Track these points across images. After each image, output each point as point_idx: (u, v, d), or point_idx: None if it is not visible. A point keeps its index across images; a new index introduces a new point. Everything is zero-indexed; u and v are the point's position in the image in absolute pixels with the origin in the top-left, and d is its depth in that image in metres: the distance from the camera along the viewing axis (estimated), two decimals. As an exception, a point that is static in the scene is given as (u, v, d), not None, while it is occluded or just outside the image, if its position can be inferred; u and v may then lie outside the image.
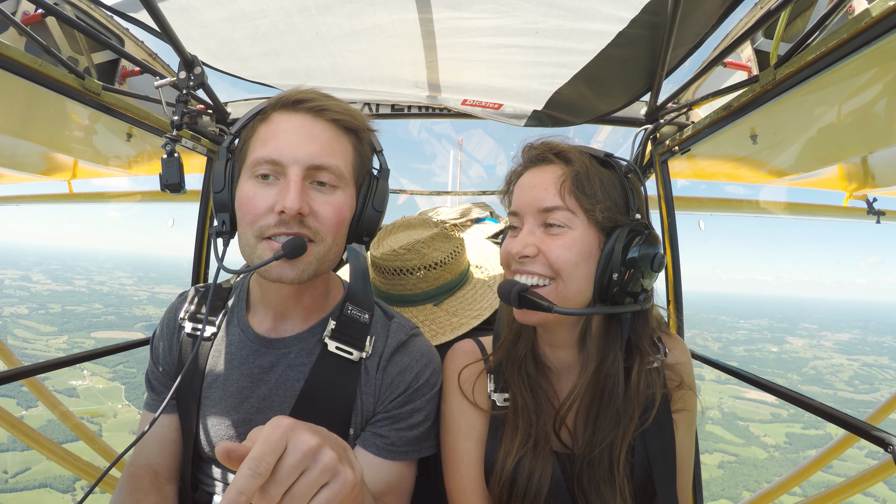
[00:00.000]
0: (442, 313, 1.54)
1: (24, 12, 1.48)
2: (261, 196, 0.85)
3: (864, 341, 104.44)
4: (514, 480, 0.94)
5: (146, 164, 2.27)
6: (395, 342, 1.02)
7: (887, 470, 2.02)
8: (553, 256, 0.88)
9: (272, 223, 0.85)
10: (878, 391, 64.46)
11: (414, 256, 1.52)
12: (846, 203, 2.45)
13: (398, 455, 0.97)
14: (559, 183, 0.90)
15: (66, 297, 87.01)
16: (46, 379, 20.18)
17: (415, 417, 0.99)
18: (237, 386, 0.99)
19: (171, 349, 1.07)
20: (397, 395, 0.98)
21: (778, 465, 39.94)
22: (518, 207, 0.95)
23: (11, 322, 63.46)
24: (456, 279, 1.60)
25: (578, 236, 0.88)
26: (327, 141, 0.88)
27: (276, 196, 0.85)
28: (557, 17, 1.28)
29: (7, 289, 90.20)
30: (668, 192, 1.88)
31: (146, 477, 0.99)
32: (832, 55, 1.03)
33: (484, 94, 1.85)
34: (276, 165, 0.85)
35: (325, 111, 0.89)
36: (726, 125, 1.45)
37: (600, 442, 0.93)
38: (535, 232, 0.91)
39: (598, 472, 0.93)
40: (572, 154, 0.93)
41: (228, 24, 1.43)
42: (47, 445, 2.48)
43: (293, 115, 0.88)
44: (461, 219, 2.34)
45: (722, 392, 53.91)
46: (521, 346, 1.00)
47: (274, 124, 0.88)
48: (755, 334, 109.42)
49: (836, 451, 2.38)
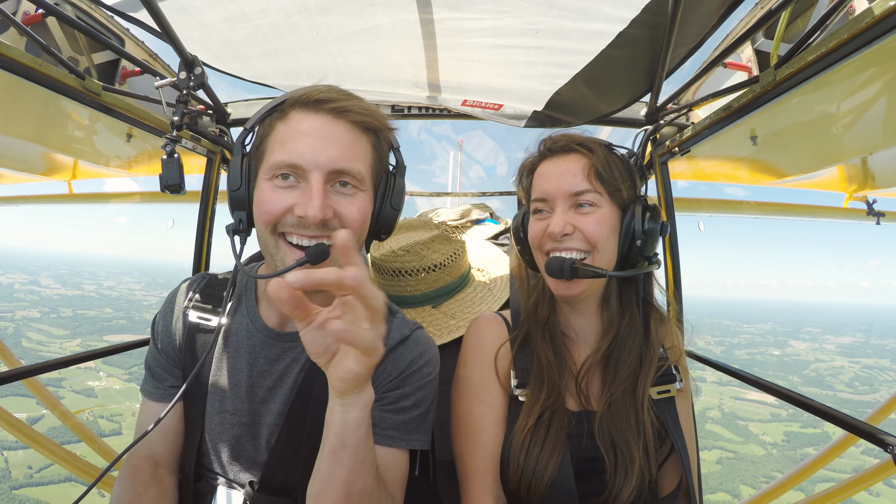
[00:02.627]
0: (440, 315, 1.54)
1: (24, 12, 1.48)
2: (280, 198, 0.84)
3: (866, 344, 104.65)
4: (533, 438, 0.99)
5: (146, 165, 2.27)
6: (398, 335, 1.03)
7: (887, 470, 2.02)
8: (589, 231, 1.01)
9: (291, 223, 0.85)
10: (877, 392, 64.76)
11: (413, 258, 1.52)
12: (846, 204, 2.44)
13: (382, 438, 0.95)
14: (586, 169, 1.04)
15: (77, 301, 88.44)
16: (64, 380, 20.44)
17: (403, 402, 0.99)
18: (244, 375, 0.99)
19: (170, 333, 1.06)
20: (390, 381, 0.99)
21: (775, 461, 40.66)
22: (546, 193, 1.06)
23: (24, 325, 64.48)
24: (455, 282, 1.59)
25: (606, 213, 1.03)
26: (348, 144, 0.86)
27: (296, 199, 0.84)
28: (558, 18, 1.28)
29: (17, 293, 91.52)
30: (668, 193, 1.88)
31: (147, 468, 0.99)
32: (833, 55, 1.03)
33: (484, 95, 1.85)
34: (296, 170, 0.84)
35: (346, 112, 0.86)
36: (726, 126, 1.45)
37: (621, 389, 1.03)
38: (568, 213, 1.03)
39: (621, 421, 1.01)
40: (592, 144, 1.08)
41: (229, 24, 1.43)
42: (47, 445, 2.47)
43: (313, 115, 0.86)
44: (461, 220, 2.33)
45: (723, 393, 54.37)
46: (541, 313, 1.13)
47: (293, 124, 0.86)
48: (758, 338, 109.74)
49: (836, 451, 2.37)
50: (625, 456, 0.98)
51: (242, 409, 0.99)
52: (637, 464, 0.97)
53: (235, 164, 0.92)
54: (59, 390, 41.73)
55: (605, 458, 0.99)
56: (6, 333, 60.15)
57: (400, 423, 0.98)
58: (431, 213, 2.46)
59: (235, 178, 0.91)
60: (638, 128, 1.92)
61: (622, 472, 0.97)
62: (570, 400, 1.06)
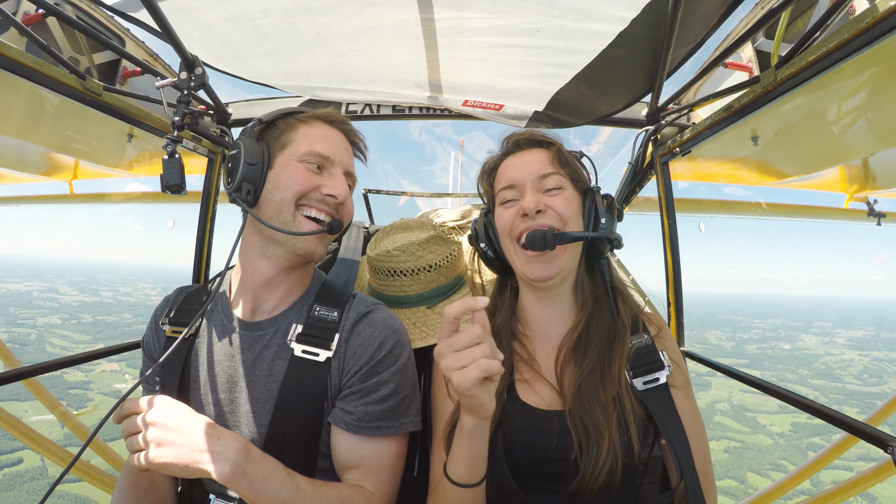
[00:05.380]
0: (435, 316, 1.53)
1: (24, 12, 1.48)
2: (311, 178, 1.03)
3: (877, 338, 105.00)
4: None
5: (147, 165, 2.27)
6: (355, 314, 1.08)
7: (887, 470, 2.02)
8: (560, 209, 1.07)
9: (316, 199, 1.04)
10: (886, 384, 64.94)
11: (408, 258, 1.52)
12: (847, 205, 2.44)
13: (369, 430, 0.99)
14: (549, 158, 1.14)
15: (96, 307, 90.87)
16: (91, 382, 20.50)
17: (381, 391, 1.01)
18: (222, 367, 1.05)
19: (155, 344, 1.15)
20: (360, 367, 1.02)
21: (782, 450, 41.56)
22: (514, 179, 1.13)
23: (46, 332, 65.90)
24: (451, 283, 1.59)
25: (570, 195, 1.11)
26: (352, 156, 1.15)
27: (325, 181, 1.05)
28: (558, 17, 1.28)
29: (36, 300, 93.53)
30: (668, 193, 1.88)
31: (144, 476, 1.00)
32: (833, 55, 1.03)
33: (485, 95, 1.85)
34: (327, 161, 1.06)
35: (350, 133, 1.15)
36: (727, 126, 1.45)
37: (589, 367, 1.03)
38: (538, 195, 1.09)
39: (591, 401, 1.00)
40: (552, 139, 1.19)
41: (229, 24, 1.43)
42: (46, 445, 2.47)
43: (336, 130, 1.12)
44: (461, 220, 2.33)
45: (732, 386, 54.81)
46: (498, 319, 1.17)
47: (321, 130, 1.09)
48: (769, 333, 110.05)
49: (836, 452, 2.37)
50: (594, 435, 0.95)
51: (226, 399, 1.04)
52: (607, 440, 0.93)
53: (251, 144, 1.03)
54: (88, 392, 43.39)
55: (575, 445, 0.96)
56: (29, 339, 61.65)
57: (383, 413, 1.01)
58: (432, 214, 2.45)
59: (254, 153, 1.02)
60: (639, 128, 1.92)
61: (593, 450, 0.94)
62: (536, 398, 1.05)
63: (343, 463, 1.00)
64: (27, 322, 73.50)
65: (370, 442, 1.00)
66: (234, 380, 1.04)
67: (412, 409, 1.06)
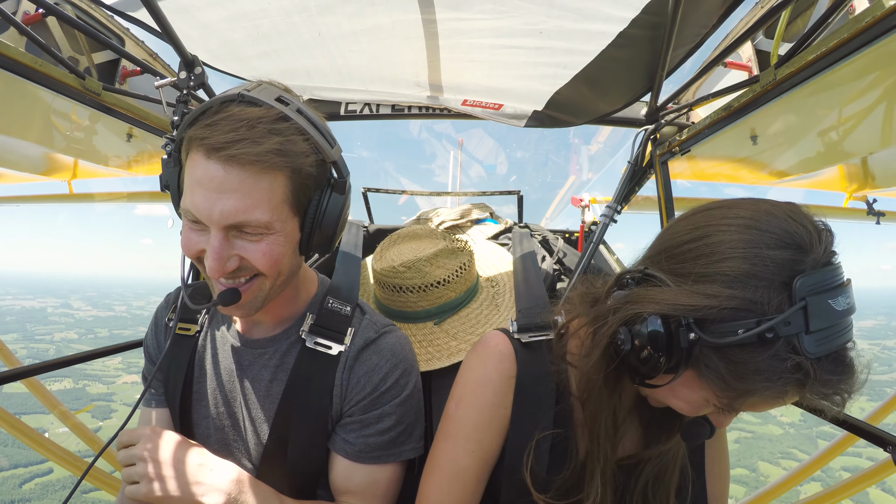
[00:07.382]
0: (441, 334, 1.47)
1: (24, 12, 1.48)
2: (196, 241, 0.82)
3: (887, 327, 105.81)
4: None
5: (146, 165, 2.26)
6: (362, 340, 0.98)
7: (887, 470, 2.02)
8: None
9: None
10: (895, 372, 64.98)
11: (415, 275, 1.45)
12: (846, 204, 2.44)
13: (369, 459, 0.96)
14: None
15: (111, 322, 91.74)
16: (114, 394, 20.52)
17: (384, 423, 0.96)
18: (221, 379, 1.02)
19: (158, 346, 1.12)
20: (363, 398, 0.95)
21: (792, 439, 42.62)
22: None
23: (64, 347, 66.24)
24: (461, 297, 1.52)
25: None
26: (246, 192, 0.76)
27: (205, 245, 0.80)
28: (558, 18, 1.28)
29: (51, 316, 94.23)
30: (668, 193, 1.87)
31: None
32: (833, 55, 1.03)
33: (484, 95, 1.85)
34: (198, 221, 0.80)
35: (236, 159, 0.74)
36: (726, 126, 1.45)
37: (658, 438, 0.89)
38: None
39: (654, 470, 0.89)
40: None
41: (229, 24, 1.43)
42: (46, 445, 2.47)
43: (206, 162, 0.76)
44: (461, 220, 2.33)
45: None
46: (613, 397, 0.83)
47: (191, 167, 0.79)
48: None
49: (836, 451, 2.37)
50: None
51: (225, 412, 1.02)
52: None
53: (167, 164, 0.90)
54: (111, 404, 43.74)
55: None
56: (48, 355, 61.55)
57: (384, 444, 0.97)
58: (432, 213, 2.45)
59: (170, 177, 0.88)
60: (638, 127, 1.92)
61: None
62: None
63: (339, 487, 0.98)
64: (44, 338, 73.85)
65: (368, 468, 0.96)
66: (235, 395, 1.01)
67: (414, 436, 1.01)
